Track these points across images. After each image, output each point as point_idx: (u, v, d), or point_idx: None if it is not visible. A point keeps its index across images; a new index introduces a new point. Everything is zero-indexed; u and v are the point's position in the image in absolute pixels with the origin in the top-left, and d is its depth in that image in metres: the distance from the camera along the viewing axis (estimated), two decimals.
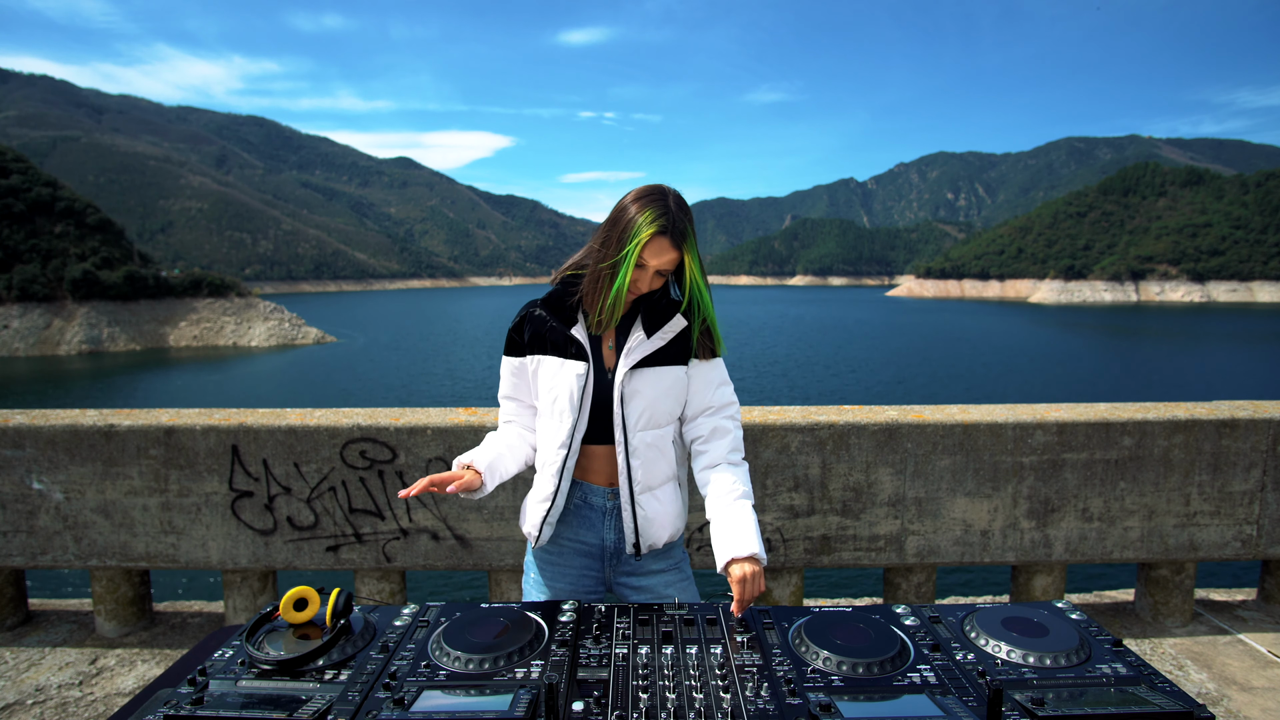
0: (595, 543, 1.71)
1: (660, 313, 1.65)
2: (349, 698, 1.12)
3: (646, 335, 1.63)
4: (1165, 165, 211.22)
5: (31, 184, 72.98)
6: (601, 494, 1.69)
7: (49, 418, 3.11)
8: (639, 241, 1.52)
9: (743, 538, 1.53)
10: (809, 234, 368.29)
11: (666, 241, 1.54)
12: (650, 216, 1.52)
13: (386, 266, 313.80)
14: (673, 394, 1.65)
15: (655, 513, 1.67)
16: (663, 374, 1.64)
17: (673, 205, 1.55)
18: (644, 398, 1.62)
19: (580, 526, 1.71)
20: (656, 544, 1.69)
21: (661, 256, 1.55)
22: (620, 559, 1.72)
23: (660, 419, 1.65)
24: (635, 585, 1.72)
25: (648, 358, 1.63)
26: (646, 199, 1.55)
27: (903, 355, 48.72)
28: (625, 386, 1.62)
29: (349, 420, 3.06)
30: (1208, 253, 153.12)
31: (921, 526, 3.16)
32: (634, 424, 1.62)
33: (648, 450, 1.64)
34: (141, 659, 3.04)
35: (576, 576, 1.73)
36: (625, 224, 1.54)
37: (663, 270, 1.59)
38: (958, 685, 1.15)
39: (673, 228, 1.54)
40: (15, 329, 59.30)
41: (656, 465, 1.66)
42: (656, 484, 1.67)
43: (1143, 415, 3.17)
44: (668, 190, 1.57)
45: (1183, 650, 3.11)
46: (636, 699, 1.12)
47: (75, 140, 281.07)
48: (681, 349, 1.67)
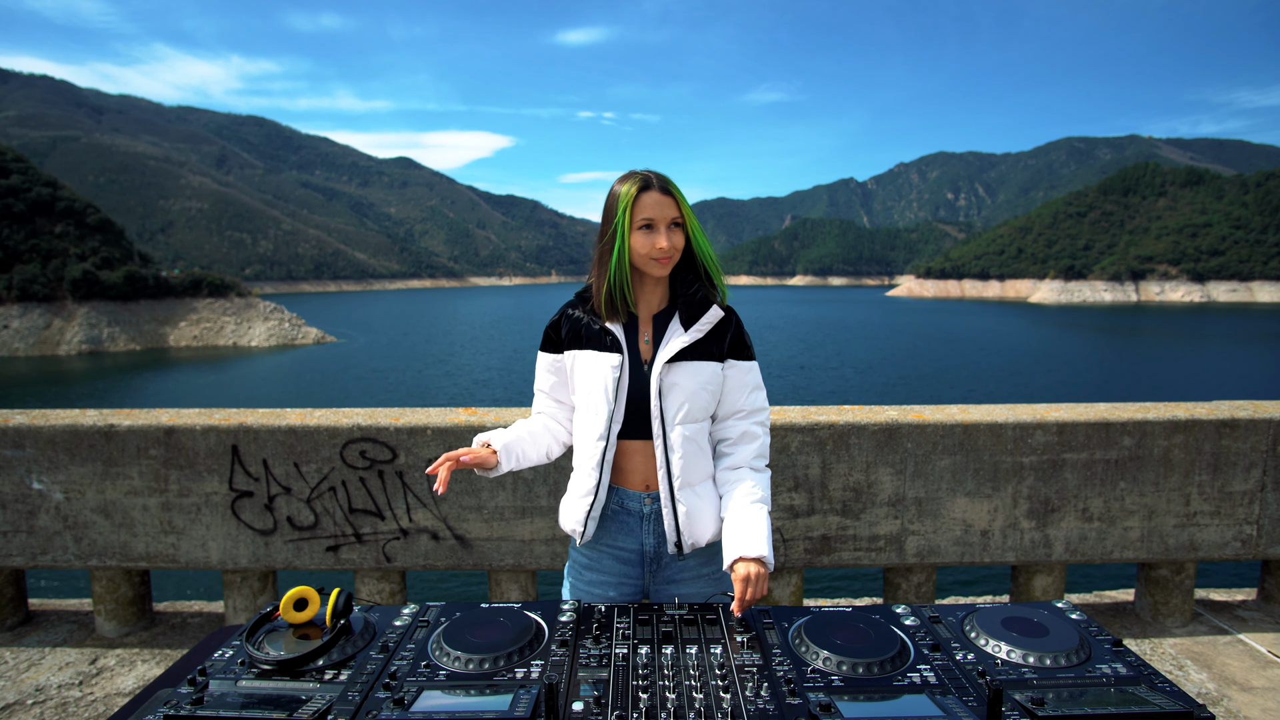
0: (634, 548, 1.69)
1: (697, 306, 1.64)
2: (349, 698, 1.12)
3: (684, 328, 1.62)
4: (1165, 165, 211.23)
5: (31, 184, 72.99)
6: (638, 498, 1.67)
7: (49, 418, 3.11)
8: (627, 202, 1.56)
9: (754, 539, 1.53)
10: (809, 234, 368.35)
11: (655, 193, 1.57)
12: (630, 183, 1.58)
13: (386, 266, 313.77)
14: (710, 389, 1.64)
15: (696, 509, 1.64)
16: (701, 368, 1.62)
17: (647, 170, 1.60)
18: (683, 390, 1.60)
19: (618, 532, 1.69)
20: (699, 542, 1.65)
21: (657, 207, 1.57)
22: (661, 563, 1.69)
23: (698, 413, 1.63)
24: (675, 593, 1.69)
25: (685, 350, 1.62)
26: (622, 177, 1.62)
27: (903, 355, 48.72)
28: (664, 379, 1.60)
29: (349, 420, 3.06)
30: (1208, 253, 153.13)
31: (921, 526, 3.16)
32: (672, 418, 1.61)
33: (686, 445, 1.62)
34: (141, 659, 3.04)
35: (616, 584, 1.71)
36: (612, 200, 1.60)
37: (675, 220, 1.59)
38: (958, 685, 1.15)
39: (654, 181, 1.58)
40: (15, 329, 59.30)
41: (696, 460, 1.64)
42: (696, 480, 1.65)
43: (1143, 415, 3.17)
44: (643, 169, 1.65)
45: (1183, 650, 3.11)
46: (636, 699, 1.12)
47: (75, 140, 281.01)
48: (718, 344, 1.66)
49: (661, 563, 1.69)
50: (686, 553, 1.67)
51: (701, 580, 1.70)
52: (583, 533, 1.68)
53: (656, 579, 1.71)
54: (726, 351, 1.67)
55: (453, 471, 1.58)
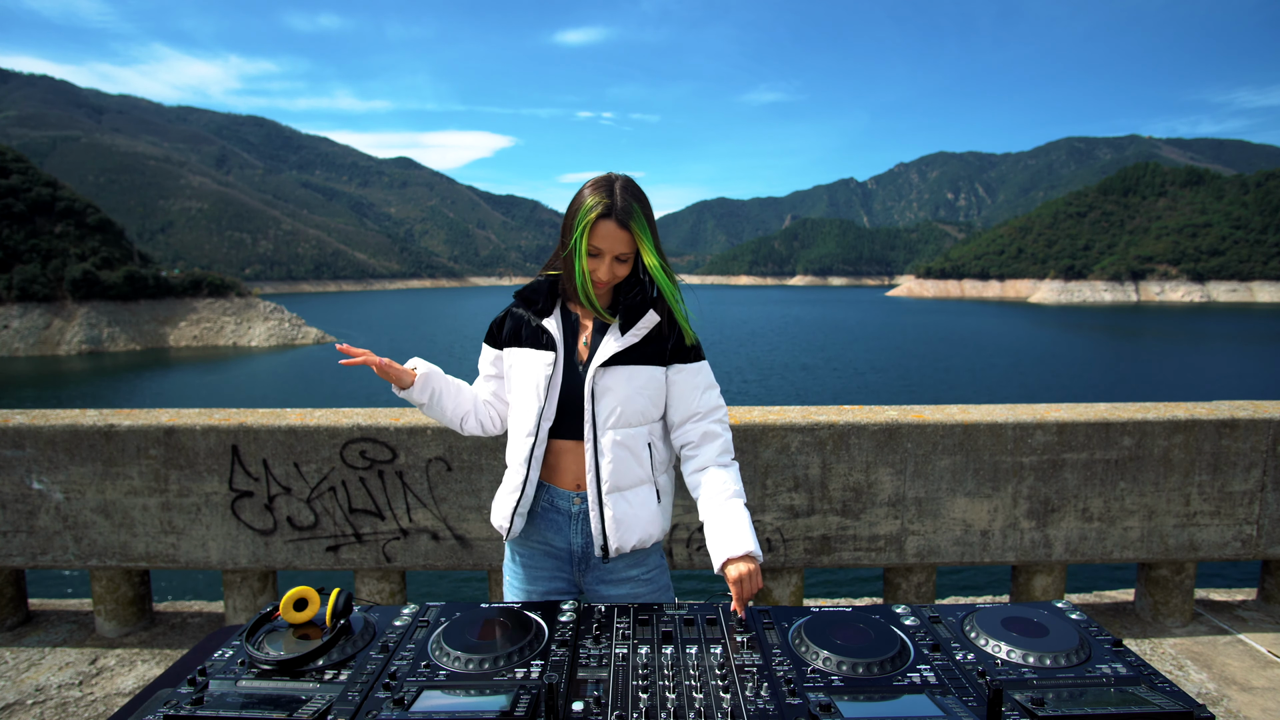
0: (563, 547, 1.69)
1: (635, 310, 1.62)
2: (349, 698, 1.12)
3: (621, 332, 1.61)
4: (1165, 165, 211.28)
5: (31, 184, 72.94)
6: (568, 497, 1.66)
7: (49, 418, 3.11)
8: (585, 225, 1.52)
9: (737, 537, 1.52)
10: (809, 234, 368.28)
11: (612, 224, 1.52)
12: (593, 201, 1.53)
13: (386, 266, 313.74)
14: (646, 393, 1.62)
15: (624, 515, 1.63)
16: (636, 373, 1.61)
17: (618, 189, 1.54)
18: (615, 395, 1.59)
19: (548, 529, 1.69)
20: (624, 548, 1.64)
21: (608, 240, 1.53)
22: (589, 563, 1.68)
23: (632, 418, 1.62)
24: (605, 593, 1.69)
25: (621, 355, 1.60)
26: (592, 185, 1.56)
27: (903, 355, 48.71)
28: (596, 383, 1.60)
29: (349, 420, 3.06)
30: (1208, 253, 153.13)
31: (921, 526, 3.16)
32: (603, 421, 1.60)
33: (617, 449, 1.61)
34: (141, 659, 3.04)
35: (548, 579, 1.72)
36: (574, 211, 1.56)
37: (621, 256, 1.56)
38: (958, 685, 1.15)
39: (616, 209, 1.52)
40: (15, 329, 59.29)
41: (626, 466, 1.62)
42: (626, 485, 1.63)
43: (1143, 415, 3.17)
44: (616, 176, 1.57)
45: (1183, 650, 3.11)
46: (636, 699, 1.12)
47: (75, 140, 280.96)
48: (658, 348, 1.64)
49: (590, 563, 1.68)
50: (612, 557, 1.65)
51: (630, 583, 1.69)
52: (509, 528, 1.68)
53: (587, 578, 1.70)
54: (671, 355, 1.65)
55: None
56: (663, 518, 1.71)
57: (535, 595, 1.73)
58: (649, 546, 1.70)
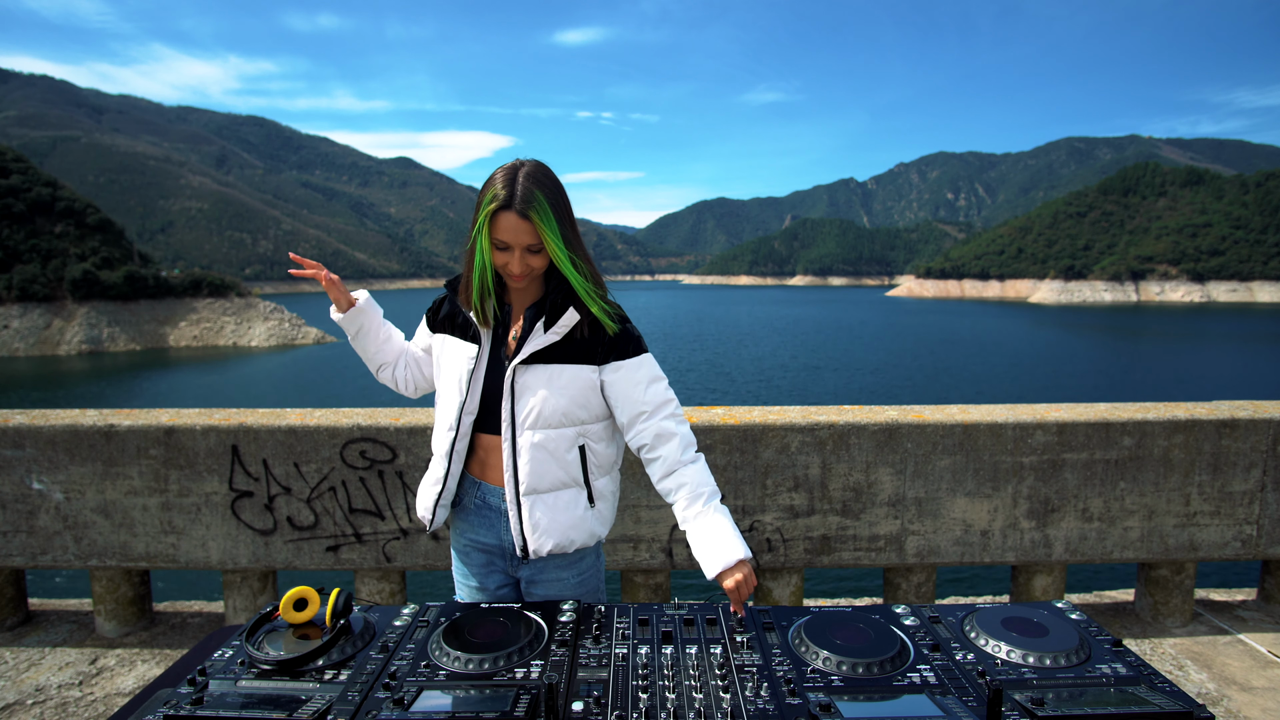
0: (494, 543, 1.66)
1: (558, 306, 1.54)
2: (349, 698, 1.12)
3: (544, 329, 1.53)
4: (1165, 165, 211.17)
5: (31, 184, 72.94)
6: (498, 494, 1.61)
7: (49, 418, 3.11)
8: (484, 217, 1.44)
9: (723, 547, 1.48)
10: (809, 234, 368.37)
11: (513, 215, 1.43)
12: (492, 193, 1.44)
13: (386, 266, 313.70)
14: (569, 393, 1.54)
15: (541, 519, 1.56)
16: (560, 372, 1.53)
17: (520, 176, 1.44)
18: (534, 395, 1.53)
19: (481, 526, 1.66)
20: (541, 551, 1.57)
21: (510, 232, 1.44)
22: (522, 561, 1.65)
23: (552, 419, 1.54)
24: (535, 594, 1.66)
25: (545, 352, 1.53)
26: (498, 172, 1.47)
27: (903, 355, 48.71)
28: (516, 381, 1.54)
29: (349, 420, 3.06)
30: (1208, 253, 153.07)
31: (921, 526, 3.16)
32: (521, 421, 1.54)
33: (535, 451, 1.54)
34: (141, 659, 3.04)
35: (485, 575, 1.70)
36: (479, 200, 1.48)
37: (531, 247, 1.47)
38: (958, 685, 1.15)
39: (516, 199, 1.42)
40: (15, 329, 59.29)
41: (545, 468, 1.56)
42: (545, 488, 1.57)
43: (1143, 415, 3.17)
44: (525, 162, 1.47)
45: (1183, 650, 3.11)
46: (636, 699, 1.12)
47: (75, 140, 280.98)
48: (590, 346, 1.55)
49: (523, 561, 1.65)
50: (533, 559, 1.61)
51: (560, 584, 1.65)
52: (431, 520, 1.65)
53: (520, 576, 1.68)
54: (606, 353, 1.56)
55: None
56: (595, 522, 1.64)
57: (475, 592, 1.72)
58: (571, 551, 1.63)
